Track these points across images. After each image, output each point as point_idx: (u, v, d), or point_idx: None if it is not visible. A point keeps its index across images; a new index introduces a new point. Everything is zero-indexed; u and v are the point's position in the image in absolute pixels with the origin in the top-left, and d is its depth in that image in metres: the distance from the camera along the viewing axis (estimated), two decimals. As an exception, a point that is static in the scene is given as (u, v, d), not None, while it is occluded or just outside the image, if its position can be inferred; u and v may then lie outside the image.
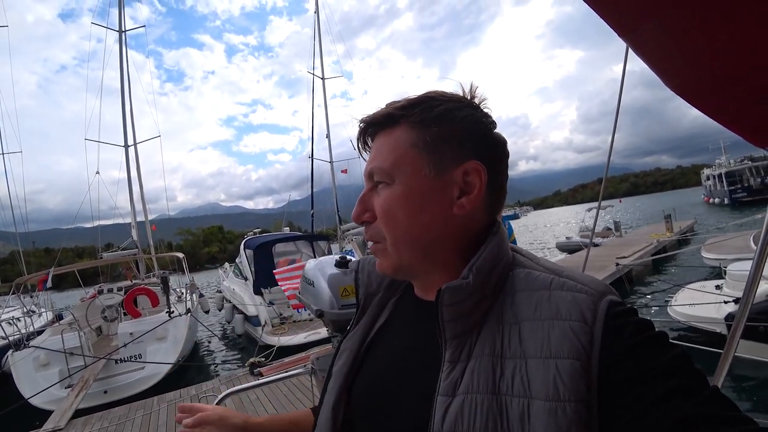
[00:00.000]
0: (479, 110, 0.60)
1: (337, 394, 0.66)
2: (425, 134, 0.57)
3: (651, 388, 0.41)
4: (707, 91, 0.71)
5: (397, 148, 0.58)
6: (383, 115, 0.60)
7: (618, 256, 11.88)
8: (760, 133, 0.86)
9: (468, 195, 0.57)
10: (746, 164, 42.07)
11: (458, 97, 0.60)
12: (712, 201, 45.00)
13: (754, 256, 1.23)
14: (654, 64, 0.68)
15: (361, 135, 0.63)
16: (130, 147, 16.46)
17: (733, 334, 1.28)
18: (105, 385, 7.31)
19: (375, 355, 0.67)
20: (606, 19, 0.61)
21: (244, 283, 12.06)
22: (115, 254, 15.61)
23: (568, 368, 0.44)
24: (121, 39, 16.56)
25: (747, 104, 0.73)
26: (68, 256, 32.28)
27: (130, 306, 9.84)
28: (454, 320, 0.53)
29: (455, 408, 0.49)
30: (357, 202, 0.63)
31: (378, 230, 0.60)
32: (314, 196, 19.59)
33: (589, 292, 0.49)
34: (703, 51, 0.62)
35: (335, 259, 1.50)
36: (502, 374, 0.48)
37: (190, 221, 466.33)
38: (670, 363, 0.43)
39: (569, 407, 0.43)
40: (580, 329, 0.46)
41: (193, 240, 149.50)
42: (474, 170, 0.57)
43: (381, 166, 0.59)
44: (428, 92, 0.61)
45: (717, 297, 5.72)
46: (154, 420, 5.24)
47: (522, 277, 0.55)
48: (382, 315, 0.72)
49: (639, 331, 0.46)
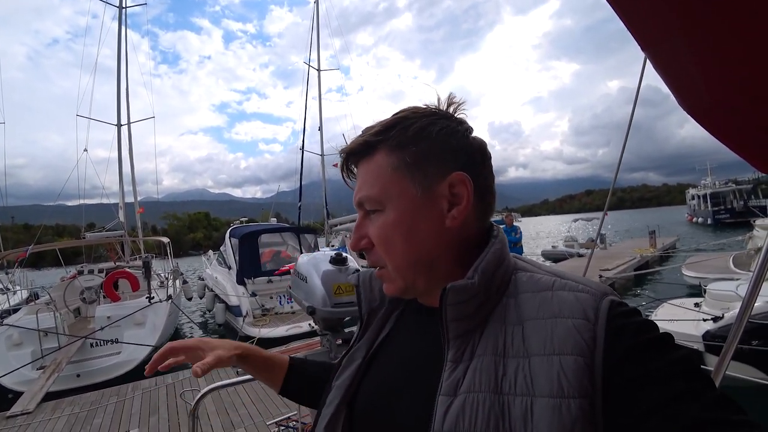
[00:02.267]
0: (453, 119, 0.61)
1: (336, 408, 0.66)
2: (405, 155, 0.58)
3: (657, 390, 0.41)
4: (719, 115, 0.71)
5: (381, 175, 0.59)
6: (360, 143, 0.61)
7: (602, 268, 12.06)
8: (763, 158, 0.86)
9: (458, 206, 0.58)
10: (730, 187, 43.12)
11: (430, 111, 0.61)
12: (695, 220, 45.91)
13: (750, 278, 1.25)
14: (670, 81, 0.68)
15: (343, 166, 0.65)
16: (123, 126, 16.18)
17: (724, 355, 1.29)
18: (78, 369, 7.14)
19: (378, 366, 0.68)
20: (631, 29, 0.60)
21: (227, 272, 11.92)
22: (98, 234, 15.31)
23: (572, 364, 0.44)
24: (120, 15, 16.25)
25: (756, 130, 0.73)
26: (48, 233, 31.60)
27: (110, 289, 9.63)
28: (457, 320, 0.54)
29: (456, 407, 0.49)
30: (353, 230, 0.64)
31: (379, 256, 0.62)
32: (303, 189, 19.50)
33: (591, 291, 0.50)
34: (720, 75, 0.61)
35: (330, 255, 1.47)
36: (505, 373, 0.49)
37: (176, 206, 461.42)
38: (676, 365, 0.43)
39: (573, 404, 0.43)
40: (583, 326, 0.46)
41: (178, 225, 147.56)
42: (459, 181, 0.58)
43: (369, 195, 0.60)
44: (401, 111, 0.61)
45: (696, 314, 5.80)
46: (127, 408, 5.13)
47: (525, 280, 0.56)
48: (386, 328, 0.72)
49: (643, 332, 0.46)
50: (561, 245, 21.24)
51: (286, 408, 4.43)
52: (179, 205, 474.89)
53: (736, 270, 9.43)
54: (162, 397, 5.38)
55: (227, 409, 4.73)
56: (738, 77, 0.59)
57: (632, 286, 12.39)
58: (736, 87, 0.61)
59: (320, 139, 21.50)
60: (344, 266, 1.45)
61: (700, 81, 0.64)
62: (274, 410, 4.52)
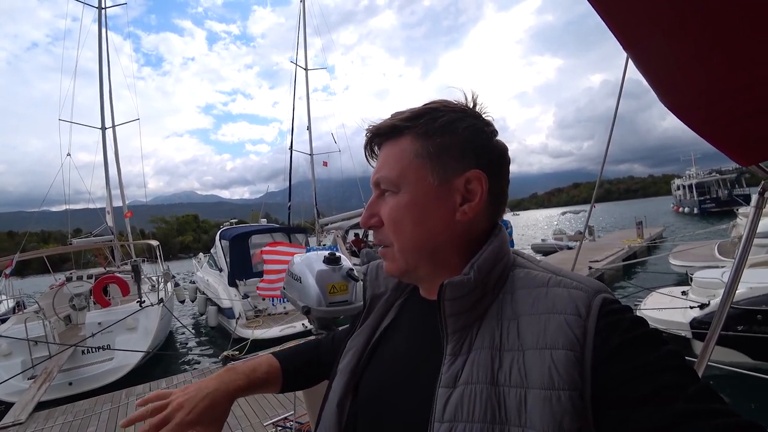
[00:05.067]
0: (480, 119, 0.62)
1: (343, 391, 0.69)
2: (429, 144, 0.59)
3: (643, 383, 0.43)
4: (700, 111, 0.73)
5: (403, 159, 0.61)
6: (388, 126, 0.63)
7: (591, 260, 12.21)
8: (744, 152, 0.90)
9: (470, 202, 0.59)
10: (714, 176, 43.93)
11: (460, 107, 0.62)
12: (681, 210, 46.67)
13: (732, 266, 1.28)
14: (651, 78, 0.69)
15: (367, 144, 0.66)
16: (108, 129, 15.94)
17: (708, 341, 1.33)
18: (70, 377, 7.06)
19: (381, 353, 0.70)
20: (613, 30, 0.62)
21: (218, 274, 11.84)
22: (86, 240, 15.07)
23: (562, 358, 0.46)
24: (100, 15, 16.01)
25: (736, 126, 0.76)
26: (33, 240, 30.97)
27: (99, 295, 9.47)
28: (455, 315, 0.56)
29: (455, 398, 0.51)
30: (366, 207, 0.66)
31: (386, 235, 0.63)
32: (292, 189, 19.39)
33: (584, 289, 0.52)
34: (702, 72, 0.63)
35: (324, 255, 1.48)
36: (501, 366, 0.51)
37: (164, 209, 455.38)
38: (662, 359, 0.45)
39: (563, 396, 0.45)
40: (575, 322, 0.48)
41: (166, 228, 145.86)
42: (476, 178, 0.59)
43: (387, 176, 0.62)
44: (431, 102, 0.63)
45: (683, 302, 5.93)
46: (122, 414, 5.08)
47: (521, 276, 0.58)
48: (389, 315, 0.74)
49: (632, 328, 0.48)
50: (550, 238, 21.46)
51: (282, 408, 4.43)
52: (167, 208, 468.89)
53: (721, 258, 9.62)
54: (156, 402, 5.34)
55: (223, 411, 4.71)
56: (720, 73, 0.61)
57: (621, 277, 12.56)
58: (719, 82, 0.63)
59: (309, 138, 21.40)
60: (338, 265, 1.46)
61: (681, 79, 0.67)
62: (271, 411, 4.52)
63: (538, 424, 0.45)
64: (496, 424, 0.48)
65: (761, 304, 4.92)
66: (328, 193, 21.52)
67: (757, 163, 1.03)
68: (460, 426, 0.49)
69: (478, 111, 0.63)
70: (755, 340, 4.87)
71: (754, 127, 0.75)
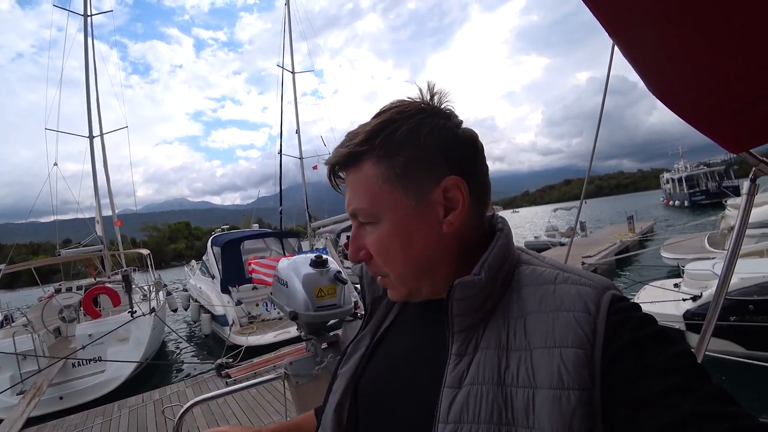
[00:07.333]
0: (441, 114, 0.58)
1: (341, 395, 0.67)
2: (394, 166, 0.56)
3: (653, 383, 0.42)
4: (689, 99, 0.72)
5: (371, 187, 0.57)
6: (345, 155, 0.58)
7: (584, 255, 12.28)
8: (734, 139, 0.89)
9: (454, 211, 0.57)
10: (702, 169, 44.50)
11: (417, 107, 0.58)
12: (672, 203, 47.16)
13: (725, 257, 1.27)
14: (639, 67, 0.68)
15: (330, 176, 0.62)
16: (96, 138, 15.73)
17: (704, 332, 1.31)
18: (60, 391, 6.93)
19: (381, 354, 0.68)
20: (599, 18, 0.60)
21: (211, 281, 11.73)
22: (75, 251, 14.84)
23: (572, 357, 0.45)
24: (85, 24, 15.82)
25: (725, 113, 0.74)
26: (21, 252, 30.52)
27: (89, 306, 9.31)
28: (462, 314, 0.54)
29: (461, 399, 0.49)
30: (350, 241, 0.63)
31: (378, 266, 0.61)
32: (283, 193, 19.31)
33: (593, 285, 0.50)
34: (689, 60, 0.61)
35: (310, 258, 1.44)
36: (508, 366, 0.49)
37: (155, 216, 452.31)
38: (672, 359, 0.43)
39: (573, 395, 0.43)
40: (584, 319, 0.47)
41: (158, 236, 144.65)
42: (453, 185, 0.56)
43: (361, 208, 0.59)
44: (385, 112, 0.58)
45: (676, 295, 5.96)
46: (114, 427, 4.99)
47: (527, 273, 0.56)
48: (389, 317, 0.72)
49: (642, 326, 0.46)
50: (543, 235, 21.55)
51: (277, 416, 4.38)
52: (158, 216, 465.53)
53: (711, 249, 9.73)
54: (150, 414, 5.25)
55: (218, 420, 4.64)
56: (707, 61, 0.60)
57: (614, 271, 12.65)
58: (706, 71, 0.62)
59: (298, 143, 21.32)
60: (325, 268, 1.42)
61: (670, 66, 0.65)
62: (266, 418, 4.47)
63: (546, 426, 0.43)
64: (502, 425, 0.46)
65: (753, 294, 4.96)
66: (319, 196, 21.46)
67: (747, 150, 1.02)
68: (466, 427, 0.48)
69: (436, 104, 0.59)
70: (748, 329, 4.91)
71: (743, 114, 0.73)
